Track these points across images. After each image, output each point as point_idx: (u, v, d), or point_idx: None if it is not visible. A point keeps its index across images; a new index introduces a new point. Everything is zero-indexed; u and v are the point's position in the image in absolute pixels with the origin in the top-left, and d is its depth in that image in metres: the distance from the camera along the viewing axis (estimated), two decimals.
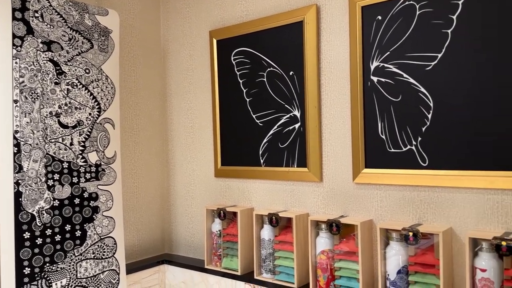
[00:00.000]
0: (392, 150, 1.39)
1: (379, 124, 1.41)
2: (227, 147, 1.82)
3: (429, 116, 1.32)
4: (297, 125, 1.61)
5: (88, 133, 1.46)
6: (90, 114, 1.47)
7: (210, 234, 1.76)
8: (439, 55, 1.29)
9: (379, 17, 1.39)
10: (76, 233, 1.42)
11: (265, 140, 1.70)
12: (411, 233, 1.24)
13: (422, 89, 1.32)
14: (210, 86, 1.89)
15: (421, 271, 1.24)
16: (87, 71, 1.45)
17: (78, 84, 1.44)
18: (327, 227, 1.41)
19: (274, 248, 1.56)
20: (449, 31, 1.27)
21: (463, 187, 1.24)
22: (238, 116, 1.78)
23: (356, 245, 1.37)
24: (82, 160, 1.41)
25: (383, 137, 1.41)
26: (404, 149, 1.36)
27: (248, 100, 1.76)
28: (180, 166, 2.01)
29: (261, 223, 1.61)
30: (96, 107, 1.49)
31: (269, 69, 1.68)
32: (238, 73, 1.78)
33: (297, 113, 1.61)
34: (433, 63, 1.30)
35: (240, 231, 1.63)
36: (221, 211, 1.69)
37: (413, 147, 1.35)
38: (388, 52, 1.36)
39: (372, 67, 1.42)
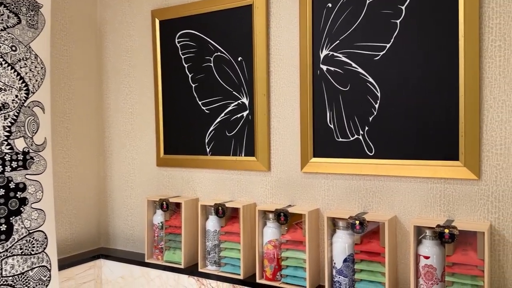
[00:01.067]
0: (340, 139, 1.38)
1: (328, 113, 1.39)
2: (170, 135, 1.73)
3: (376, 106, 1.32)
4: (245, 113, 1.55)
5: (14, 117, 1.31)
6: (16, 96, 1.32)
7: (151, 226, 1.67)
8: (388, 45, 1.29)
9: (329, 5, 1.36)
10: (0, 227, 1.27)
11: (211, 128, 1.63)
12: (357, 222, 1.24)
13: (370, 79, 1.31)
14: (152, 70, 1.78)
15: (366, 259, 1.25)
16: (13, 48, 1.31)
17: (3, 62, 1.29)
18: (274, 217, 1.38)
19: (220, 239, 1.51)
20: (397, 21, 1.26)
21: (407, 176, 1.26)
22: (182, 102, 1.69)
23: (304, 234, 1.35)
24: (8, 147, 1.30)
25: (332, 126, 1.39)
26: (352, 139, 1.35)
27: (193, 85, 1.68)
28: (118, 154, 1.88)
29: (206, 214, 1.56)
30: (24, 88, 1.34)
31: (216, 53, 1.60)
32: (183, 57, 1.68)
33: (245, 100, 1.55)
34: (381, 53, 1.29)
35: (184, 222, 1.57)
36: (164, 202, 1.61)
37: (360, 137, 1.34)
38: (338, 41, 1.34)
39: (322, 56, 1.39)
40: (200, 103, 1.66)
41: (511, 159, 1.13)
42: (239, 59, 1.55)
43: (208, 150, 1.65)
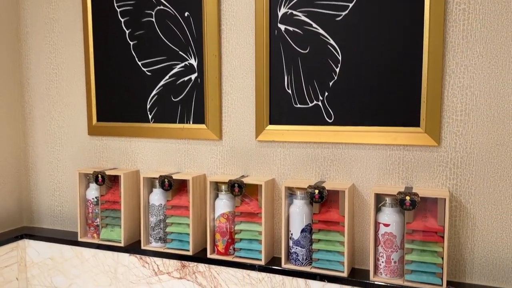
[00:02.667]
0: (298, 105, 1.27)
1: (286, 78, 1.28)
2: (104, 99, 1.51)
3: (337, 70, 1.23)
4: (193, 76, 1.38)
5: None
6: None
7: (84, 202, 1.49)
8: (350, 5, 1.19)
9: None
10: None
11: (154, 93, 1.44)
12: (316, 191, 1.17)
13: (331, 41, 1.21)
14: (81, 24, 1.52)
15: (325, 228, 1.20)
16: None
17: None
18: (228, 188, 1.27)
19: (166, 214, 1.37)
20: None
21: (366, 143, 1.20)
22: (119, 63, 1.47)
23: (259, 205, 1.26)
24: None
25: (289, 91, 1.28)
26: (311, 105, 1.26)
27: (132, 43, 1.46)
28: (42, 122, 1.63)
29: (150, 187, 1.40)
30: None
31: (158, 7, 1.39)
32: (118, 10, 1.45)
33: (193, 61, 1.37)
34: (343, 13, 1.19)
35: (124, 197, 1.40)
36: (99, 175, 1.43)
37: (320, 103, 1.25)
38: None
39: (280, 14, 1.26)
40: (140, 63, 1.45)
41: (471, 125, 1.11)
42: (186, 14, 1.36)
43: (150, 117, 1.47)
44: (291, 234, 1.23)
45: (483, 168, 1.11)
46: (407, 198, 1.08)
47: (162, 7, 1.40)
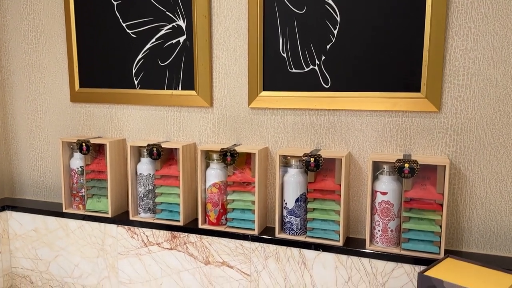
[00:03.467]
0: (294, 70, 1.21)
1: (280, 40, 1.21)
2: (87, 64, 1.42)
3: (335, 32, 1.16)
4: (182, 38, 1.30)
5: None
6: None
7: (68, 172, 1.42)
8: None
9: None
10: None
11: (140, 56, 1.36)
12: (312, 159, 1.13)
13: (329, 1, 1.12)
14: None
15: (320, 197, 1.16)
16: None
17: None
18: (220, 157, 1.22)
19: (155, 184, 1.32)
20: None
21: (364, 109, 1.16)
22: (102, 24, 1.37)
23: (253, 175, 1.22)
24: None
25: (284, 55, 1.21)
26: (307, 69, 1.20)
27: (115, 3, 1.37)
28: (20, 88, 1.54)
29: (138, 157, 1.35)
30: None
31: None
32: None
33: (181, 23, 1.29)
34: None
35: (110, 166, 1.34)
36: (83, 144, 1.36)
37: (316, 67, 1.19)
38: None
39: None
40: (124, 25, 1.36)
41: (472, 90, 1.05)
42: None
43: (136, 82, 1.38)
44: (285, 204, 1.20)
45: (484, 135, 1.07)
46: (406, 165, 1.05)
47: None
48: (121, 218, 1.37)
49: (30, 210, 1.47)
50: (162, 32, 1.32)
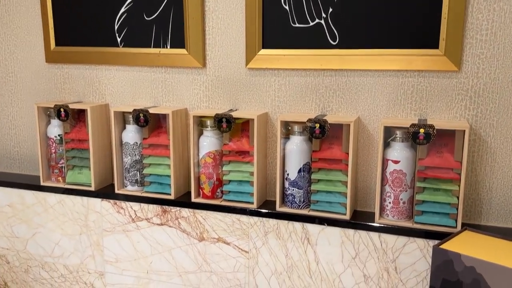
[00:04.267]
0: (297, 25, 1.18)
1: None
2: (64, 18, 1.38)
3: None
4: None
5: None
6: None
7: (45, 141, 1.41)
8: None
9: None
10: None
11: (122, 10, 1.32)
12: (317, 125, 1.12)
13: None
14: None
15: (326, 167, 1.16)
16: None
17: None
18: (214, 124, 1.20)
19: (143, 154, 1.31)
20: None
21: (376, 69, 1.14)
22: None
23: (251, 143, 1.21)
24: None
25: (287, 7, 1.18)
26: (312, 24, 1.17)
27: None
28: None
29: (123, 124, 1.33)
30: None
31: None
32: None
33: None
34: None
35: (92, 134, 1.33)
36: (62, 109, 1.33)
37: (323, 21, 1.16)
38: None
39: None
40: None
41: (497, 47, 1.04)
42: None
43: (119, 40, 1.35)
44: (287, 175, 1.19)
45: (508, 97, 1.06)
46: (421, 131, 1.04)
47: None
48: (106, 192, 1.36)
49: (3, 184, 1.46)
50: None
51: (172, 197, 1.29)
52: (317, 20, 1.16)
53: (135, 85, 1.39)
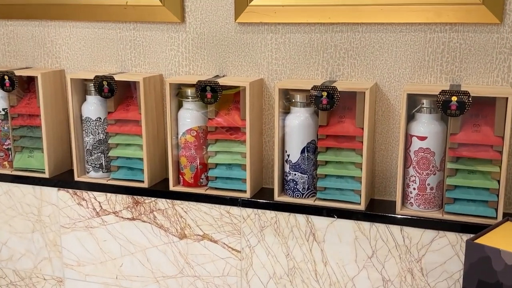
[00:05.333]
0: None
1: None
2: None
3: None
4: None
5: None
6: None
7: None
8: None
9: None
10: None
11: None
12: (324, 93, 1.12)
13: None
14: None
15: (335, 146, 1.16)
16: None
17: None
18: (197, 94, 1.20)
19: (108, 132, 1.32)
20: None
21: (397, 22, 1.14)
22: None
23: (242, 117, 1.21)
24: None
25: None
26: None
27: None
28: None
29: (82, 95, 1.34)
30: None
31: None
32: None
33: None
34: None
35: (44, 108, 1.33)
36: (6, 77, 1.33)
37: None
38: None
39: None
40: None
41: None
42: None
43: None
44: (288, 156, 1.20)
45: None
46: (453, 99, 1.04)
47: None
48: (63, 179, 1.38)
49: None
50: None
51: (145, 185, 1.30)
52: None
53: (97, 46, 1.39)
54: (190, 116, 1.25)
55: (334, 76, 1.22)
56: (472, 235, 0.99)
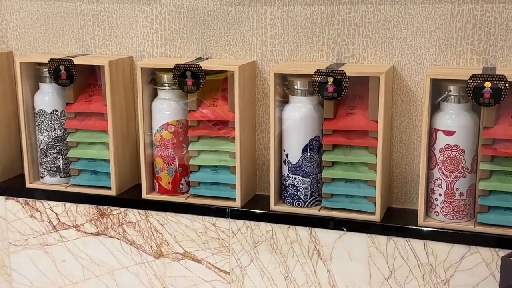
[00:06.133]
0: None
1: None
2: None
3: None
4: None
5: None
6: None
7: None
8: None
9: None
10: None
11: None
12: (330, 79, 1.12)
13: None
14: None
15: (344, 143, 1.17)
16: None
17: None
18: (175, 80, 1.20)
19: (66, 128, 1.32)
20: None
21: None
22: None
23: (230, 109, 1.21)
24: None
25: None
26: None
27: None
28: None
29: (35, 82, 1.33)
30: None
31: None
32: None
33: None
34: None
35: None
36: None
37: None
38: None
39: None
40: None
41: None
42: None
43: None
44: (286, 156, 1.20)
45: None
46: (487, 85, 1.04)
47: None
48: (12, 186, 1.38)
49: None
50: None
51: (113, 192, 1.31)
52: None
53: (52, 22, 1.38)
54: (167, 108, 1.26)
55: (342, 58, 1.23)
56: (510, 251, 1.00)
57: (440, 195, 1.13)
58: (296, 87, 1.18)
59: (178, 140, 1.27)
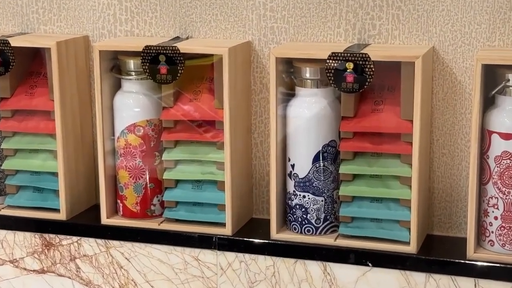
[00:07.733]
0: None
1: None
2: None
3: None
4: None
5: None
6: None
7: None
8: None
9: None
10: None
11: None
12: (350, 65, 1.13)
13: None
14: None
15: (368, 150, 1.19)
16: None
17: None
18: (144, 67, 1.22)
19: (1, 131, 1.35)
20: None
21: None
22: None
23: (217, 105, 1.23)
24: None
25: None
26: None
27: None
28: None
29: None
30: None
31: None
32: None
33: None
34: None
35: None
36: None
37: None
38: None
39: None
40: None
41: None
42: None
43: None
44: (292, 167, 1.22)
45: None
46: None
47: None
48: None
49: None
50: None
51: (62, 216, 1.32)
52: None
53: None
54: (134, 104, 1.28)
55: (365, 37, 1.24)
56: None
57: (496, 218, 1.14)
58: (304, 76, 1.20)
59: (148, 147, 1.28)
